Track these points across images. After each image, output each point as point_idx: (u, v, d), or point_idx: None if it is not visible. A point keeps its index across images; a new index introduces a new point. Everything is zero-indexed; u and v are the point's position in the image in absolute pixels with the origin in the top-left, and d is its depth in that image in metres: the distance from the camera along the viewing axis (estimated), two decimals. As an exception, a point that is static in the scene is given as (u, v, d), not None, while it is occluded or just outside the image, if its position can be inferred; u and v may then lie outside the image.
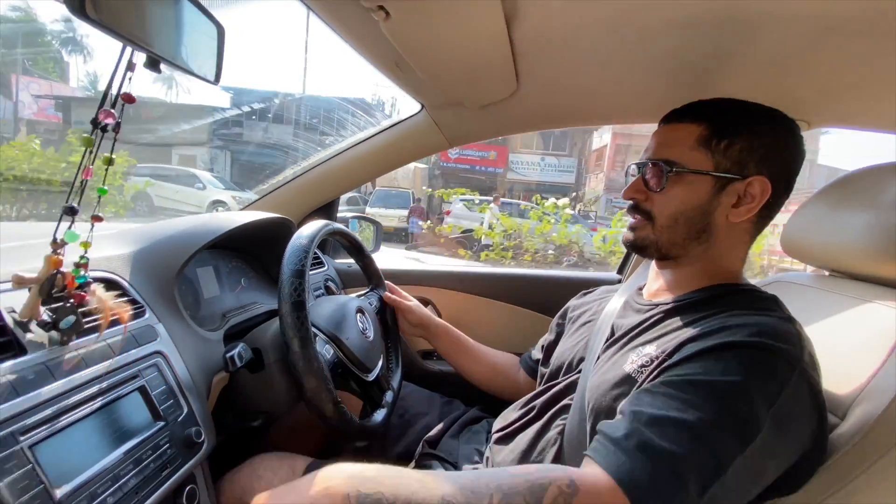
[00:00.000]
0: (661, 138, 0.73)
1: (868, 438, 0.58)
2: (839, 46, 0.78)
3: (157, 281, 0.74)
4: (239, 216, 0.94)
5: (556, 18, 0.74)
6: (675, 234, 0.70)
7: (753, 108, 0.70)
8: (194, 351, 0.75)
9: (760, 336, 0.55)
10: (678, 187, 0.69)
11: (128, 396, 0.60)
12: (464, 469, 0.85)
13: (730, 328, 0.58)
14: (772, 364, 0.54)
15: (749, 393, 0.51)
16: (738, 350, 0.55)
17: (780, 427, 0.51)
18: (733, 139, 0.67)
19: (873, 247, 0.71)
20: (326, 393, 0.71)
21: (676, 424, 0.50)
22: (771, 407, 0.51)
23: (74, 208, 0.53)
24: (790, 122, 0.70)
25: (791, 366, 0.54)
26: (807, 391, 0.54)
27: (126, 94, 0.51)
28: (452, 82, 0.93)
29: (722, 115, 0.69)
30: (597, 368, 0.71)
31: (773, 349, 0.54)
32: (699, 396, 0.52)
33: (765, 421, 0.50)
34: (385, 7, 0.62)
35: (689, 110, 0.72)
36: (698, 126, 0.69)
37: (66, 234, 0.53)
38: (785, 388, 0.52)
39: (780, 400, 0.51)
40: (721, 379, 0.53)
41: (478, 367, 1.09)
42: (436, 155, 17.47)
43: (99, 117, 0.51)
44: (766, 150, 0.67)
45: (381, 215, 12.29)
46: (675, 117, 0.73)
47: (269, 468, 0.77)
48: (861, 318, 0.72)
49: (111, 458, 0.54)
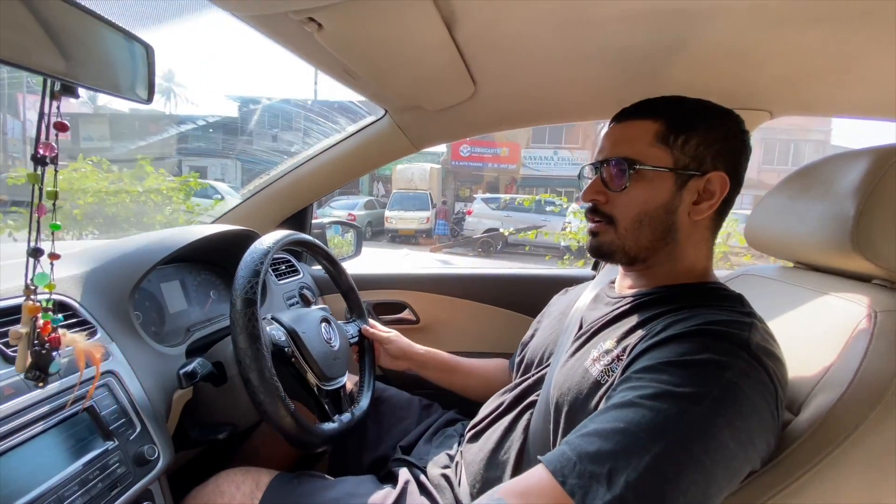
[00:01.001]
0: (617, 136, 0.71)
1: (819, 432, 0.56)
2: (795, 35, 0.78)
3: (109, 300, 0.74)
4: (199, 230, 0.94)
5: (498, 19, 0.73)
6: (641, 237, 0.69)
7: (705, 103, 0.69)
8: (151, 368, 0.75)
9: (704, 325, 0.55)
10: (640, 186, 0.67)
11: (75, 417, 0.61)
12: (430, 474, 0.85)
13: (679, 322, 0.58)
14: (714, 346, 0.53)
15: (688, 370, 0.51)
16: (681, 339, 0.55)
17: (734, 402, 0.49)
18: (690, 134, 0.66)
19: (827, 238, 0.69)
20: (273, 387, 0.70)
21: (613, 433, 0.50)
22: (717, 378, 0.50)
23: (39, 249, 0.52)
24: (738, 117, 0.69)
25: (737, 345, 0.53)
26: (760, 371, 0.52)
27: (58, 123, 0.51)
28: (406, 87, 0.93)
29: (676, 110, 0.68)
30: (563, 363, 0.71)
31: (716, 333, 0.54)
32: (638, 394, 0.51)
33: (710, 391, 0.49)
34: (315, 19, 0.62)
35: (642, 107, 0.70)
36: (654, 122, 0.67)
37: (36, 277, 0.52)
38: (733, 364, 0.51)
39: (729, 374, 0.50)
40: (662, 363, 0.53)
41: (471, 381, 1.07)
42: (446, 154, 17.46)
43: (38, 151, 0.51)
44: (719, 144, 0.67)
45: (400, 218, 12.31)
46: (628, 115, 0.71)
47: (232, 483, 0.77)
48: (819, 311, 0.71)
49: (56, 479, 0.55)
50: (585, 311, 0.79)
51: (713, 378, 0.50)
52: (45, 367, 0.54)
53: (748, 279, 0.90)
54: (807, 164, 0.81)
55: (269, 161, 1.40)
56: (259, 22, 0.68)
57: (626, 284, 0.77)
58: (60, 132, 0.51)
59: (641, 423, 0.49)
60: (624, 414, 0.50)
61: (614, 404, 0.53)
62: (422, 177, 15.02)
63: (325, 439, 0.79)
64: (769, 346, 0.56)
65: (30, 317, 0.52)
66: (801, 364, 0.65)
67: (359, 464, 0.97)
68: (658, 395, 0.50)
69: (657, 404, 0.49)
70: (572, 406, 0.64)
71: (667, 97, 0.71)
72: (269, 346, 0.75)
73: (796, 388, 0.63)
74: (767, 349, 0.55)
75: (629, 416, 0.50)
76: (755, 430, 0.51)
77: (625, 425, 0.49)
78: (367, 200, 14.22)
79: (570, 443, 0.52)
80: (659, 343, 0.56)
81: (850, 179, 0.67)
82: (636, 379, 0.54)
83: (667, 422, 0.48)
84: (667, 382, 0.51)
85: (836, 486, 0.55)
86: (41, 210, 0.52)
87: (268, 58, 68.08)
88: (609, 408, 0.53)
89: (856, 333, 0.61)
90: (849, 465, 0.55)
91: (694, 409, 0.49)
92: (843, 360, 0.61)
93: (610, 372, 0.61)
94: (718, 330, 0.54)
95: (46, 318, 0.54)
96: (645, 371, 0.54)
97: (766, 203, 0.84)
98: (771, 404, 0.52)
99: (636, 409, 0.50)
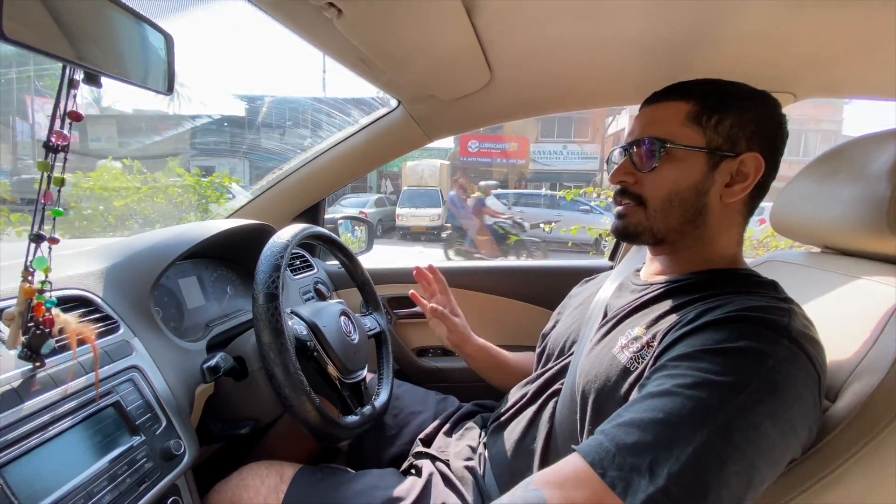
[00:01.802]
0: (647, 118, 0.69)
1: (859, 419, 0.55)
2: (818, 16, 0.76)
3: (131, 296, 0.74)
4: (215, 225, 0.93)
5: (519, 5, 0.72)
6: (671, 218, 0.67)
7: (739, 85, 0.68)
8: (173, 363, 0.75)
9: (742, 311, 0.54)
10: (671, 166, 0.66)
11: (102, 413, 0.61)
12: (454, 466, 0.84)
13: (714, 308, 0.57)
14: (753, 333, 0.51)
15: (727, 358, 0.50)
16: (718, 325, 0.53)
17: (775, 390, 0.48)
18: (723, 115, 0.64)
19: (860, 221, 0.68)
20: (298, 382, 0.70)
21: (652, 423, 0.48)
22: (758, 366, 0.48)
23: (41, 235, 0.53)
24: (774, 100, 0.68)
25: (777, 332, 0.51)
26: (802, 357, 0.50)
27: (73, 112, 0.50)
28: (422, 76, 0.92)
29: (709, 91, 0.67)
30: (588, 351, 0.70)
31: (754, 319, 0.52)
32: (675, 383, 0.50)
33: (751, 379, 0.48)
34: (335, 4, 0.61)
35: (673, 89, 0.69)
36: (686, 103, 0.66)
37: (35, 261, 0.53)
38: (774, 351, 0.49)
39: (770, 361, 0.49)
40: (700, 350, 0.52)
41: (512, 378, 1.03)
42: (455, 149, 17.38)
43: (51, 139, 0.50)
44: (755, 125, 0.65)
45: (411, 215, 12.30)
46: (660, 97, 0.70)
47: (257, 476, 0.77)
48: (851, 296, 0.70)
49: (84, 475, 0.55)
50: (610, 300, 0.77)
51: (754, 366, 0.49)
52: (38, 347, 0.54)
53: (774, 265, 0.88)
54: (833, 148, 0.79)
55: (278, 158, 1.39)
56: (276, 9, 0.67)
57: (653, 271, 0.76)
58: (75, 121, 0.51)
59: (682, 413, 0.47)
60: (662, 403, 0.49)
61: (650, 393, 0.51)
62: (432, 173, 14.96)
63: (349, 432, 0.79)
64: (809, 331, 0.54)
65: (25, 298, 0.53)
66: (835, 350, 0.63)
67: (377, 458, 0.96)
68: (697, 384, 0.48)
69: (696, 393, 0.48)
70: (600, 394, 0.63)
71: (700, 79, 0.69)
72: (292, 340, 0.74)
73: (832, 374, 0.61)
74: (808, 335, 0.53)
75: (668, 406, 0.48)
76: (797, 418, 0.49)
77: (664, 416, 0.48)
78: (378, 198, 14.19)
79: (607, 433, 0.50)
80: (694, 330, 0.55)
81: (883, 161, 0.65)
82: (672, 367, 0.52)
83: (708, 411, 0.47)
84: (705, 370, 0.49)
85: (879, 474, 0.54)
86: (48, 197, 0.52)
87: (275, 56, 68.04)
88: (645, 396, 0.51)
89: (894, 317, 0.60)
90: (891, 451, 0.53)
91: (735, 399, 0.47)
92: (881, 344, 0.59)
93: (640, 359, 0.60)
94: (757, 316, 0.53)
95: (41, 300, 0.54)
96: (681, 359, 0.52)
97: (791, 188, 0.82)
98: (813, 391, 0.51)
99: (675, 398, 0.49)
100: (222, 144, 14.42)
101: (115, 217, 3.15)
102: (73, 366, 0.59)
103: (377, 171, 18.32)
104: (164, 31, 0.57)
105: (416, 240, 11.79)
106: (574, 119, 17.41)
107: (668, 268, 0.73)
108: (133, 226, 3.20)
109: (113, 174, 3.30)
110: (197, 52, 70.15)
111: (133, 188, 3.32)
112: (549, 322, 0.99)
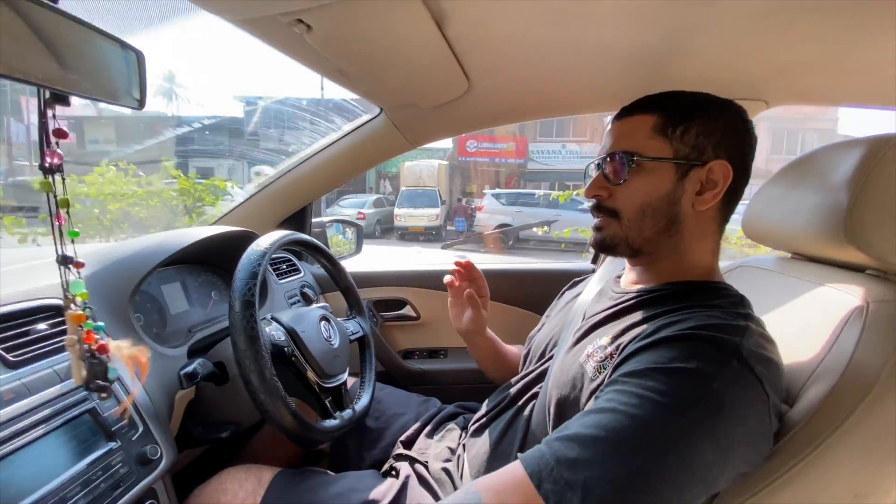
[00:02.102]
0: (617, 133, 0.71)
1: (812, 423, 0.57)
2: (788, 24, 0.77)
3: (109, 303, 0.75)
4: (197, 233, 0.95)
5: (488, 16, 0.73)
6: (645, 229, 0.68)
7: (703, 95, 0.69)
8: (152, 369, 0.76)
9: (696, 329, 0.55)
10: (641, 177, 0.67)
11: (77, 419, 0.62)
12: (432, 468, 0.86)
13: (673, 324, 0.58)
14: (703, 353, 0.52)
15: (673, 378, 0.51)
16: (671, 343, 0.55)
17: (718, 413, 0.49)
18: (688, 125, 0.66)
19: (821, 229, 0.69)
20: (273, 387, 0.71)
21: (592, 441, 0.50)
22: (702, 389, 0.49)
23: (69, 257, 0.52)
24: (739, 107, 0.69)
25: (726, 352, 0.52)
26: (750, 378, 0.51)
27: (57, 130, 0.51)
28: (400, 85, 0.93)
29: (673, 102, 0.69)
30: (562, 357, 0.71)
31: (705, 338, 0.53)
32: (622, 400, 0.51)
33: (695, 403, 0.49)
34: (303, 20, 0.62)
35: (639, 104, 0.71)
36: (651, 116, 0.68)
37: (72, 286, 0.53)
38: (720, 373, 0.50)
39: (715, 383, 0.50)
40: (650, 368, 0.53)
41: (507, 372, 1.04)
42: (453, 149, 17.36)
43: (45, 160, 0.51)
44: (721, 133, 0.66)
45: (410, 215, 12.30)
46: (627, 112, 0.72)
47: (235, 480, 0.78)
48: (814, 302, 0.71)
49: (58, 480, 0.56)
50: (589, 305, 0.79)
51: (698, 388, 0.50)
52: (104, 376, 0.54)
53: (746, 270, 0.90)
54: (802, 155, 0.80)
55: (277, 160, 1.40)
56: (249, 25, 0.68)
57: (630, 279, 0.77)
58: (60, 139, 0.52)
59: (622, 432, 0.49)
60: (606, 420, 0.50)
61: (598, 408, 0.53)
62: (430, 174, 14.99)
63: (326, 436, 0.80)
64: (763, 350, 0.55)
65: (76, 325, 0.52)
66: (796, 355, 0.65)
67: (359, 460, 0.98)
68: (641, 404, 0.50)
69: (639, 413, 0.49)
70: (565, 400, 0.65)
71: (664, 92, 0.71)
72: (268, 346, 0.76)
73: (792, 379, 0.63)
74: (760, 354, 0.54)
75: (611, 424, 0.50)
76: (739, 440, 0.50)
77: (605, 434, 0.49)
78: (376, 198, 14.25)
79: (551, 445, 0.52)
80: (650, 345, 0.56)
81: (844, 170, 0.66)
82: (622, 382, 0.53)
83: (647, 433, 0.48)
84: (651, 389, 0.50)
85: (828, 476, 0.55)
86: (60, 217, 0.51)
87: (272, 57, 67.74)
88: (592, 411, 0.53)
89: (849, 323, 0.61)
90: (840, 454, 0.55)
91: (675, 422, 0.48)
92: (836, 350, 0.61)
93: (601, 369, 0.61)
94: (709, 335, 0.54)
95: (88, 327, 0.54)
96: (632, 375, 0.54)
97: (763, 193, 0.84)
98: (760, 412, 0.52)
99: (617, 416, 0.50)
100: (221, 146, 14.40)
101: (110, 220, 3.16)
102: (48, 374, 0.61)
103: (376, 171, 18.34)
104: (135, 49, 0.59)
105: (414, 240, 11.81)
106: (572, 119, 17.39)
107: (644, 278, 0.74)
108: (128, 229, 3.21)
109: (109, 178, 3.30)
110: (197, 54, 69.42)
111: (129, 191, 3.33)
112: (539, 324, 1.00)
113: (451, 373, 1.43)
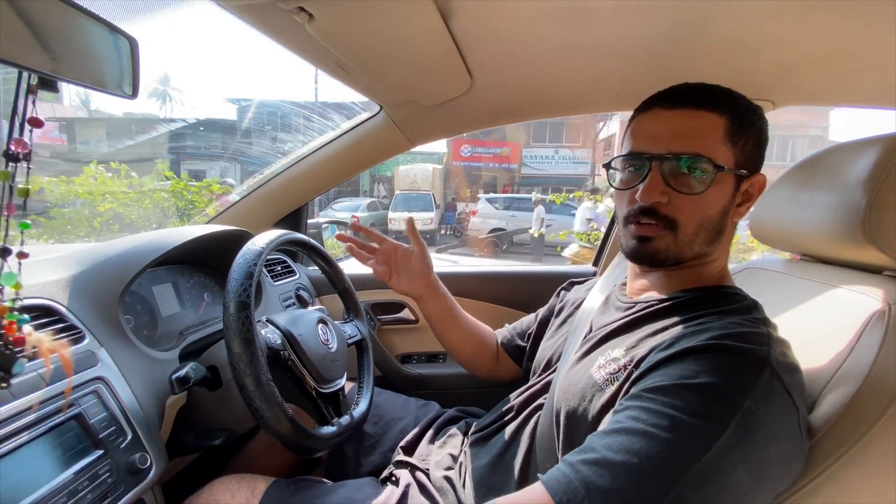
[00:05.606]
0: (682, 126, 0.61)
1: (835, 430, 0.55)
2: (796, 23, 0.76)
3: (98, 304, 0.72)
4: (188, 231, 0.91)
5: (496, 10, 0.71)
6: (697, 243, 0.63)
7: (744, 97, 0.65)
8: (142, 373, 0.73)
9: (719, 339, 0.52)
10: (712, 188, 0.59)
11: (63, 426, 0.59)
12: (433, 476, 0.83)
13: (694, 334, 0.55)
14: (730, 366, 0.50)
15: (704, 396, 0.48)
16: (695, 355, 0.52)
17: (751, 434, 0.47)
18: (749, 133, 0.62)
19: (836, 229, 0.68)
20: (269, 393, 0.68)
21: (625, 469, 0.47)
22: (735, 408, 0.47)
23: (8, 249, 0.50)
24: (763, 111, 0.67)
25: (756, 364, 0.50)
26: (780, 391, 0.50)
27: (32, 119, 0.49)
28: (401, 80, 0.91)
29: (738, 105, 0.62)
30: (569, 369, 0.69)
31: (731, 349, 0.51)
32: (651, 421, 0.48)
33: (728, 423, 0.46)
34: (305, 8, 0.60)
35: (703, 97, 0.62)
36: (721, 117, 0.60)
37: (3, 277, 0.50)
38: (752, 388, 0.48)
39: (748, 401, 0.47)
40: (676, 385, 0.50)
41: (460, 338, 1.00)
42: (447, 153, 17.44)
43: (10, 147, 0.48)
44: (763, 141, 0.64)
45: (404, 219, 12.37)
46: (685, 102, 0.62)
47: (227, 491, 0.75)
48: (829, 305, 0.69)
49: (43, 490, 0.53)
50: (595, 315, 0.76)
51: (730, 407, 0.47)
52: (9, 367, 0.51)
53: (753, 272, 0.88)
54: (811, 155, 0.79)
55: (270, 161, 1.37)
56: (248, 13, 0.66)
57: (639, 287, 0.73)
58: (35, 128, 0.49)
59: (657, 460, 0.46)
60: (637, 445, 0.47)
61: (625, 428, 0.49)
62: (424, 177, 15.01)
63: (324, 443, 0.77)
64: (787, 359, 0.53)
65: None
66: (812, 360, 0.63)
67: (357, 467, 0.95)
68: (672, 427, 0.47)
69: (670, 437, 0.47)
70: (574, 412, 0.62)
71: (719, 88, 0.64)
72: (264, 350, 0.73)
73: (809, 384, 0.61)
74: (787, 364, 0.52)
75: (643, 450, 0.47)
76: (772, 461, 0.48)
77: (638, 461, 0.46)
78: (370, 202, 14.25)
79: (576, 469, 0.49)
80: (671, 358, 0.53)
81: (860, 169, 0.65)
82: (648, 399, 0.51)
83: (682, 460, 0.46)
84: (681, 410, 0.48)
85: (854, 485, 0.53)
86: (10, 208, 0.49)
87: (266, 59, 67.86)
88: (618, 431, 0.50)
89: (869, 326, 0.60)
90: (866, 462, 0.53)
91: (710, 447, 0.46)
92: (857, 354, 0.59)
93: (614, 380, 0.59)
94: (734, 345, 0.51)
95: (12, 318, 0.51)
96: (658, 391, 0.51)
97: (770, 195, 0.82)
98: (791, 426, 0.50)
99: (649, 441, 0.47)
100: (213, 148, 14.34)
101: (100, 222, 3.11)
102: (31, 378, 0.57)
103: (370, 174, 18.35)
104: (129, 35, 0.56)
105: (407, 244, 11.84)
106: (565, 124, 17.62)
107: (658, 285, 0.70)
108: (119, 230, 3.16)
109: (100, 178, 3.26)
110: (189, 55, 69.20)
111: (120, 192, 3.28)
112: (534, 320, 0.98)
113: (450, 377, 1.40)
